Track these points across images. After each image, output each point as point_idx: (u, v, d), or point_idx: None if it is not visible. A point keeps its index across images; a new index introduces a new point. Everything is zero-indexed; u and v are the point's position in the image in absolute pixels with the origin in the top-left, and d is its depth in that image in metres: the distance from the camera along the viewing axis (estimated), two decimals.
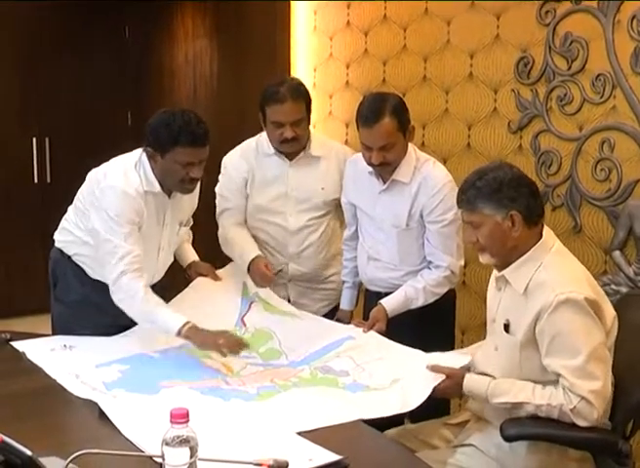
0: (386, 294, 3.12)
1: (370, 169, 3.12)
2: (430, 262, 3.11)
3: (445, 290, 3.12)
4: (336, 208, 3.45)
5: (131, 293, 2.85)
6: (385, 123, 2.94)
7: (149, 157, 2.93)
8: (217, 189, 3.45)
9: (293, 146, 3.30)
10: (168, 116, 2.91)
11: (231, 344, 2.78)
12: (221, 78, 5.97)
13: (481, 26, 3.89)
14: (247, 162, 3.39)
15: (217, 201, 3.46)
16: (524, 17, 3.67)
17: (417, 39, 4.28)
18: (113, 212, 2.87)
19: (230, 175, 3.39)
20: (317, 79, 5.05)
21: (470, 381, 2.40)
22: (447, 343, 3.17)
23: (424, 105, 4.18)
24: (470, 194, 2.41)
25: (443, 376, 2.43)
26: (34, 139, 6.54)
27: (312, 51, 5.07)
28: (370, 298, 3.29)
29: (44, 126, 6.53)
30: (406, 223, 3.08)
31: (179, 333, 2.79)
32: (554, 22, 3.53)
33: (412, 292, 3.06)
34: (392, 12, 4.43)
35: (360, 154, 3.14)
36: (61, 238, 3.17)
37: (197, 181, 2.99)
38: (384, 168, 3.05)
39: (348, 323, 3.24)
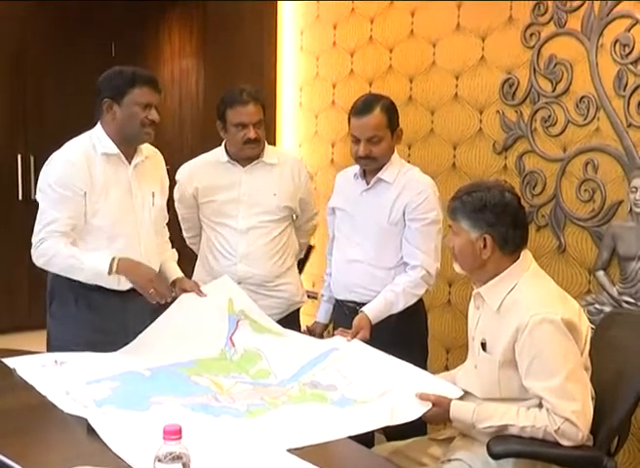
0: (363, 305, 3.12)
1: (355, 170, 3.26)
2: (406, 264, 3.15)
3: (423, 290, 3.16)
4: (292, 220, 3.57)
5: (52, 252, 2.96)
6: (376, 115, 3.10)
7: (106, 111, 3.02)
8: (174, 196, 3.57)
9: (254, 149, 3.39)
10: (117, 68, 3.06)
11: (161, 291, 3.00)
12: (207, 97, 5.99)
13: (466, 48, 3.95)
14: (196, 177, 3.50)
15: (176, 205, 3.61)
16: (509, 39, 3.73)
17: (402, 60, 4.33)
18: (50, 180, 2.98)
19: (181, 188, 3.54)
20: (303, 98, 5.09)
21: (456, 409, 2.41)
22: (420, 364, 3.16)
23: (410, 125, 4.22)
24: (455, 205, 2.48)
25: (432, 397, 2.44)
26: (19, 157, 6.54)
27: (298, 70, 5.12)
28: (341, 313, 3.31)
29: (29, 143, 6.53)
30: (387, 221, 3.14)
31: (111, 272, 2.94)
32: (539, 45, 3.59)
33: (391, 297, 3.09)
34: (378, 33, 4.48)
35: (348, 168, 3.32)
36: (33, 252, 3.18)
37: (156, 125, 3.06)
38: (370, 163, 3.15)
39: (321, 335, 3.36)
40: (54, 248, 2.95)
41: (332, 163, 4.81)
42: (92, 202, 3.00)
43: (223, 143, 3.49)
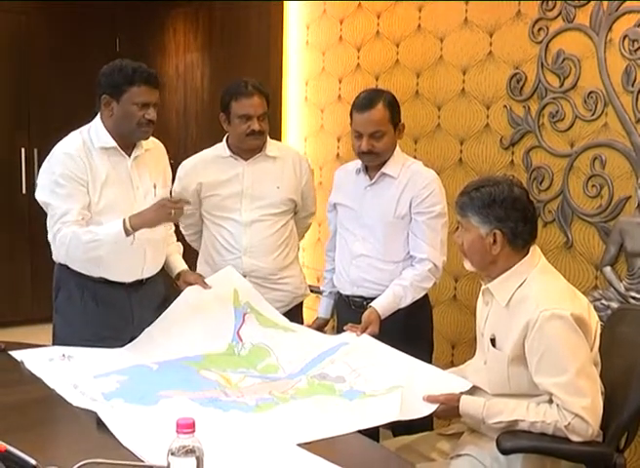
0: (370, 300, 3.13)
1: (358, 166, 3.27)
2: (413, 258, 3.15)
3: (431, 284, 3.17)
4: (294, 214, 3.58)
5: (69, 236, 2.97)
6: (379, 109, 3.10)
7: (104, 106, 3.04)
8: (173, 194, 3.53)
9: (258, 140, 3.40)
10: (119, 62, 3.06)
11: (177, 210, 3.01)
12: (212, 92, 5.99)
13: (474, 43, 3.93)
14: (198, 173, 3.49)
15: None
16: (517, 34, 3.72)
17: (409, 55, 4.32)
18: (55, 175, 2.99)
19: (183, 185, 3.51)
20: (309, 93, 5.08)
21: (466, 405, 2.42)
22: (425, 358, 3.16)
23: (417, 120, 4.22)
24: (464, 201, 2.47)
25: (441, 398, 2.44)
26: (23, 150, 6.54)
27: (305, 65, 5.11)
28: (347, 308, 3.30)
29: (33, 137, 6.53)
30: (393, 215, 3.15)
31: (127, 232, 2.95)
32: (547, 40, 3.58)
33: (399, 291, 3.10)
34: (385, 28, 4.47)
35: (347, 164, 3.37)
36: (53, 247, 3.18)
37: (153, 124, 3.08)
38: (373, 158, 3.16)
39: (323, 329, 3.38)
40: (70, 233, 2.96)
41: (337, 157, 4.80)
42: (93, 194, 3.02)
43: (225, 138, 3.49)
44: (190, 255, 3.64)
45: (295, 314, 3.48)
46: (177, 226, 3.57)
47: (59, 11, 6.46)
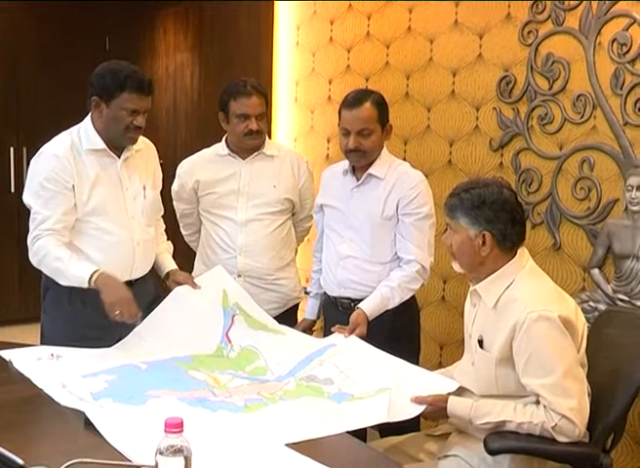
0: (358, 301, 3.13)
1: (345, 167, 3.27)
2: (400, 259, 3.16)
3: (418, 285, 3.17)
4: (291, 215, 3.59)
5: (43, 251, 2.95)
6: (366, 108, 3.12)
7: (94, 107, 3.01)
8: (172, 193, 3.60)
9: (256, 139, 3.42)
10: (114, 65, 3.03)
11: (129, 314, 2.88)
12: (202, 92, 5.99)
13: (464, 45, 3.94)
14: (197, 171, 3.52)
15: (174, 203, 3.64)
16: (506, 36, 3.73)
17: (399, 56, 4.32)
18: (40, 178, 2.97)
19: (182, 182, 3.56)
20: (299, 94, 5.08)
21: (453, 406, 2.42)
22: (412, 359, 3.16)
23: (406, 122, 4.23)
24: (453, 202, 2.48)
25: (429, 399, 2.45)
26: (12, 149, 6.52)
27: (294, 66, 5.11)
28: (334, 310, 3.30)
29: (22, 136, 6.52)
30: (380, 216, 3.15)
31: (90, 284, 2.89)
32: (536, 43, 3.59)
33: (387, 292, 3.10)
34: (375, 29, 4.47)
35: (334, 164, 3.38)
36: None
37: (141, 130, 3.06)
38: (359, 157, 3.16)
39: (310, 330, 3.41)
40: (45, 247, 2.94)
41: (327, 158, 4.80)
42: (81, 196, 3.00)
43: (224, 138, 3.51)
44: (188, 255, 3.64)
45: (289, 316, 3.48)
46: (177, 227, 3.57)
47: (48, 10, 6.45)
